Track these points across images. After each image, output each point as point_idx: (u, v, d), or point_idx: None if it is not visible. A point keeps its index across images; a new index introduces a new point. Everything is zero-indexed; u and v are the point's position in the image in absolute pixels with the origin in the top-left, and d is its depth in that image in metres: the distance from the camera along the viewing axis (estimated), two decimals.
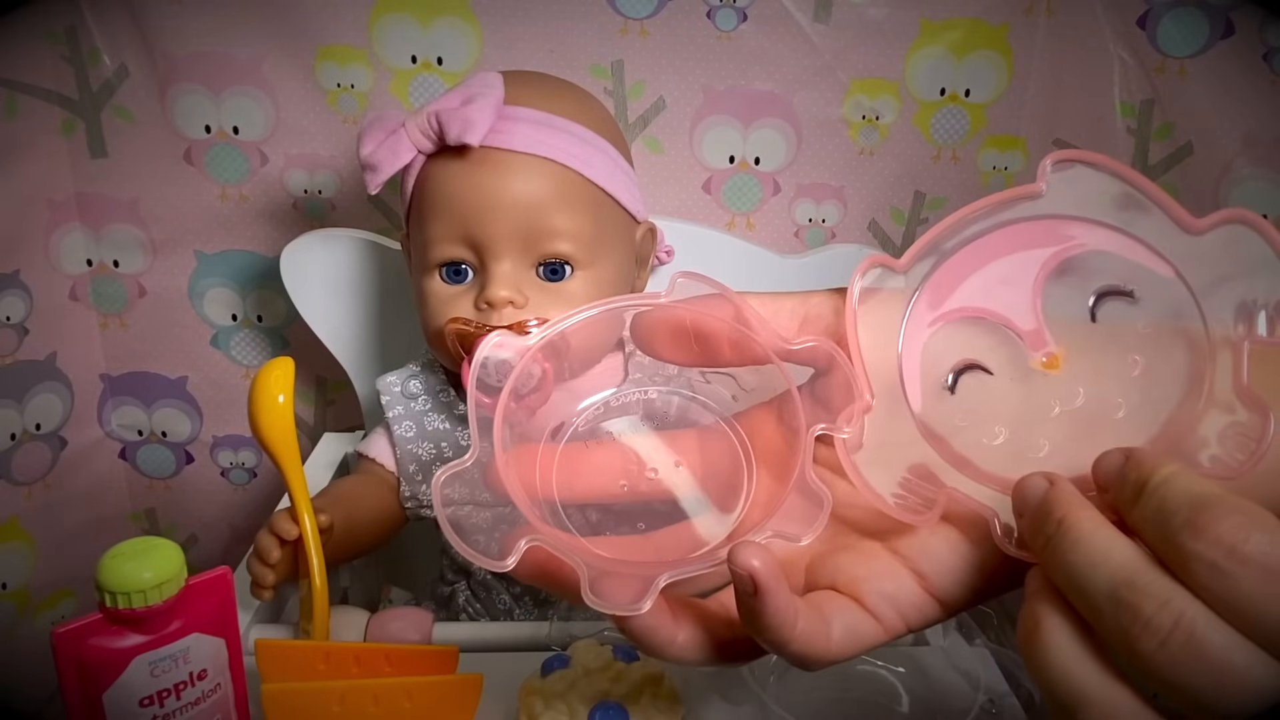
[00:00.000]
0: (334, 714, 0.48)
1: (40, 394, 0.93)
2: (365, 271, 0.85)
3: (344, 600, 0.82)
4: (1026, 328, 0.33)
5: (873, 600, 0.33)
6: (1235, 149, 0.81)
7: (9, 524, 0.92)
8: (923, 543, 0.34)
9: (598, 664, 0.51)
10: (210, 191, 0.92)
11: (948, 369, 0.33)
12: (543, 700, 0.49)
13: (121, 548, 0.44)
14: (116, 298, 0.96)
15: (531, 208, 0.64)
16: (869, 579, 0.33)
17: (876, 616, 0.33)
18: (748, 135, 0.89)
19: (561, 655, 0.52)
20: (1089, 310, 0.32)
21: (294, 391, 0.55)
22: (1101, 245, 0.31)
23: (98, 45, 0.87)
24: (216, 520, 1.05)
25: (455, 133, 0.63)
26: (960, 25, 0.86)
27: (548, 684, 0.50)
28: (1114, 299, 0.32)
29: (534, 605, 0.72)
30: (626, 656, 0.52)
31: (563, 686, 0.49)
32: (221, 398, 1.00)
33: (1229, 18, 0.80)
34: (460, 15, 0.86)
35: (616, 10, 0.86)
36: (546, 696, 0.49)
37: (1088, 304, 0.32)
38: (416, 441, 0.71)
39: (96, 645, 0.43)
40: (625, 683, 0.50)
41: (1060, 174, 0.31)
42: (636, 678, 0.50)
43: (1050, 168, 0.31)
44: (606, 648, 0.52)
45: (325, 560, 0.57)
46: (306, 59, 0.87)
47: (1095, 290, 0.32)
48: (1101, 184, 0.31)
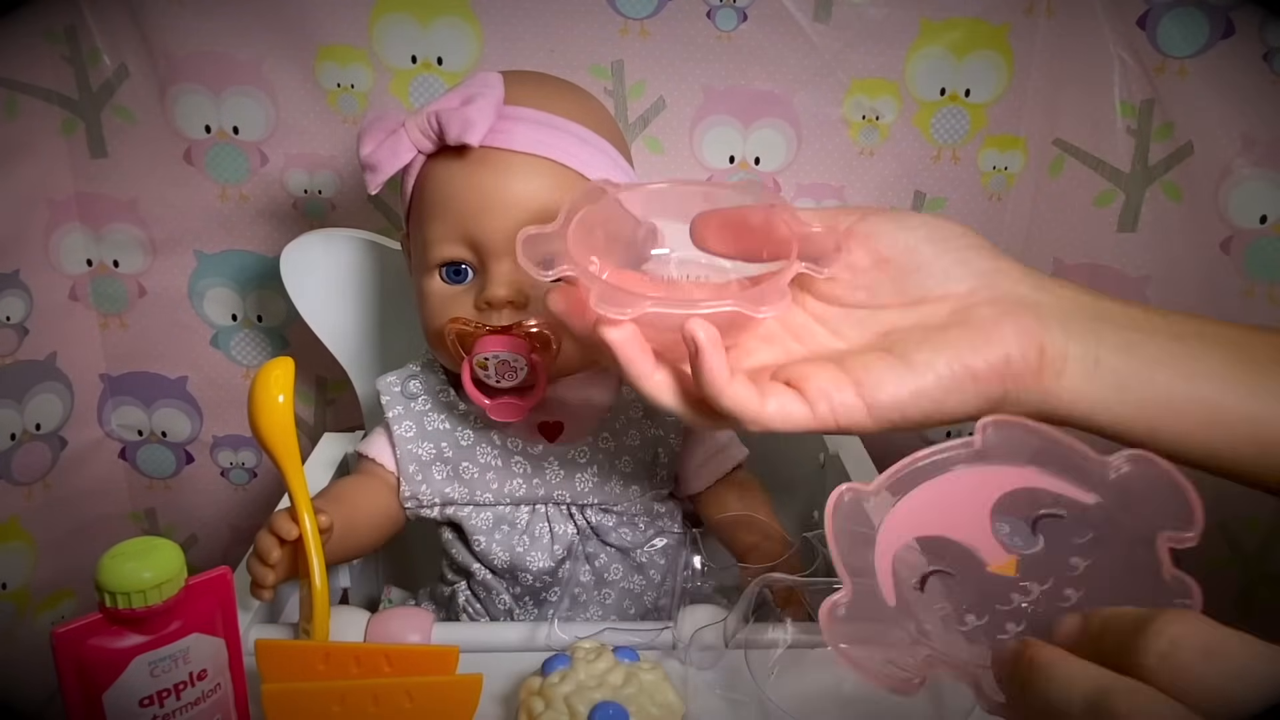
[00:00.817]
0: (334, 714, 0.48)
1: (40, 394, 0.93)
2: (365, 271, 0.85)
3: (344, 600, 0.82)
4: (983, 544, 0.40)
5: (812, 392, 0.44)
6: (1235, 149, 0.81)
7: (9, 524, 0.92)
8: (874, 373, 0.45)
9: (598, 664, 0.51)
10: (210, 191, 0.92)
11: (917, 575, 0.40)
12: (543, 700, 0.49)
13: (121, 548, 0.44)
14: (116, 298, 0.96)
15: (532, 207, 0.64)
16: (814, 377, 0.45)
17: (810, 404, 0.44)
18: (748, 135, 0.89)
19: (562, 655, 0.51)
20: (1030, 527, 0.40)
21: (294, 391, 0.55)
22: (1032, 484, 0.40)
23: (98, 45, 0.87)
24: (216, 520, 1.05)
25: (455, 133, 0.63)
26: (960, 25, 0.86)
27: (548, 684, 0.50)
28: (1049, 519, 0.40)
29: (534, 605, 0.72)
30: (627, 657, 0.52)
31: (564, 687, 0.49)
32: (221, 398, 1.00)
33: (1229, 18, 0.80)
34: (460, 15, 0.86)
35: (616, 10, 0.86)
36: (547, 696, 0.49)
37: (1029, 524, 0.40)
38: (416, 441, 0.71)
39: (96, 645, 0.43)
40: (626, 683, 0.50)
41: (996, 431, 0.41)
42: (638, 678, 0.50)
43: (989, 428, 0.40)
44: (607, 648, 0.52)
45: (325, 560, 0.57)
46: (306, 59, 0.87)
47: (1033, 516, 0.40)
48: (1026, 438, 0.40)
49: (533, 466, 0.70)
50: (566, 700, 0.48)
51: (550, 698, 0.48)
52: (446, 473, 0.70)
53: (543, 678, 0.50)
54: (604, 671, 0.50)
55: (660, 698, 0.50)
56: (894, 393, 0.44)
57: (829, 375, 0.45)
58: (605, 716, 0.47)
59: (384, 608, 0.76)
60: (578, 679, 0.49)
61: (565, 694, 0.49)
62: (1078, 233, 0.88)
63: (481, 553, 0.70)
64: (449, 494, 0.70)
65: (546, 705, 0.48)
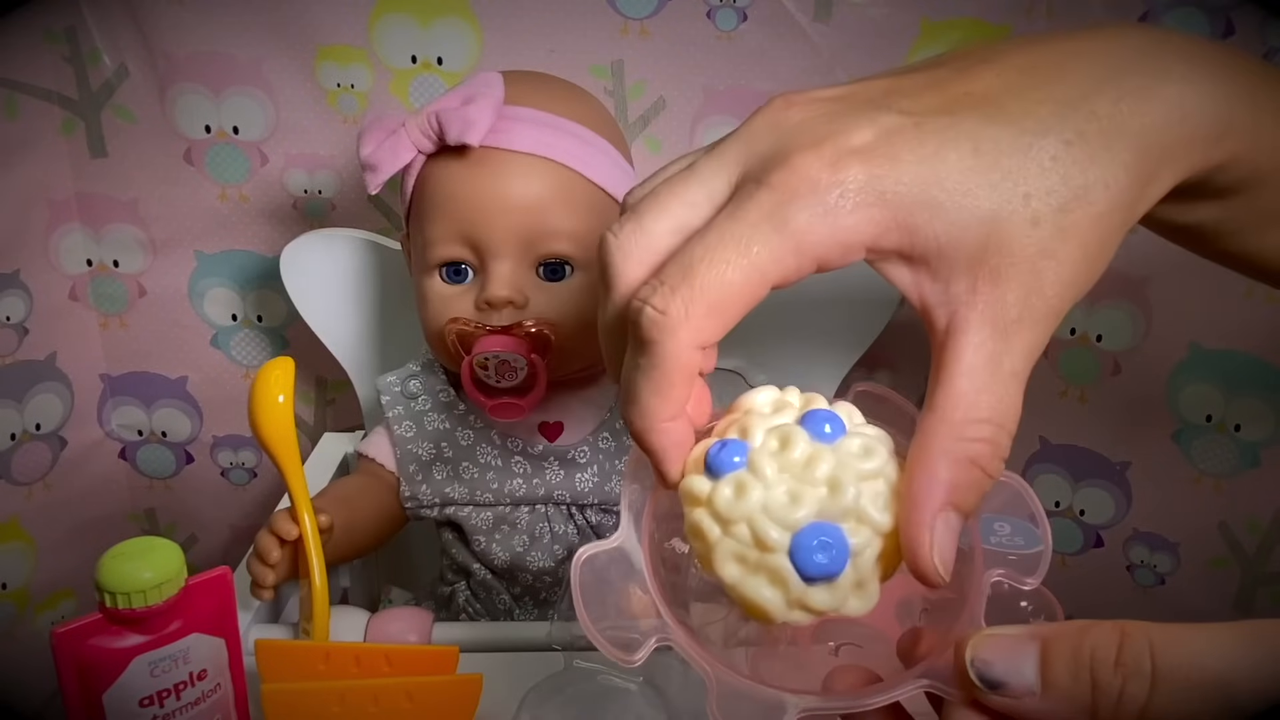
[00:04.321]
0: (334, 714, 0.48)
1: (40, 394, 0.93)
2: (365, 271, 0.85)
3: (344, 600, 0.82)
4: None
5: None
6: None
7: (9, 524, 0.92)
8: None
9: (790, 453, 0.32)
10: (210, 191, 0.92)
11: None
12: (717, 521, 0.32)
13: (121, 548, 0.44)
14: (116, 298, 0.96)
15: (532, 208, 0.64)
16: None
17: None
18: None
19: (736, 442, 0.33)
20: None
21: (294, 391, 0.55)
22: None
23: (98, 45, 0.87)
24: (216, 520, 1.05)
25: (455, 133, 0.63)
26: (961, 25, 0.85)
27: (719, 496, 0.32)
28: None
29: (534, 605, 0.72)
30: (826, 429, 0.32)
31: (745, 503, 0.31)
32: (221, 398, 1.00)
33: (1229, 18, 0.80)
34: (460, 15, 0.86)
35: (616, 10, 0.86)
36: (721, 515, 0.32)
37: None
38: (416, 441, 0.71)
39: (96, 645, 0.43)
40: (835, 483, 0.31)
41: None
42: (850, 466, 0.32)
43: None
44: (791, 416, 0.34)
45: (325, 560, 0.57)
46: (306, 59, 0.87)
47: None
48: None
49: (533, 466, 0.70)
50: (751, 523, 0.31)
51: (727, 517, 0.31)
52: (446, 473, 0.70)
53: (712, 481, 0.32)
54: (802, 464, 0.31)
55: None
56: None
57: None
58: (810, 555, 0.30)
59: (384, 608, 0.76)
60: (764, 488, 0.31)
61: (749, 513, 0.31)
62: None
63: (481, 553, 0.70)
64: (449, 494, 0.70)
65: (724, 529, 0.31)
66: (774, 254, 0.30)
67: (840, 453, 0.31)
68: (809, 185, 0.30)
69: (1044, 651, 0.27)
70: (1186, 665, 0.25)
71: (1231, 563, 0.88)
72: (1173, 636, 0.25)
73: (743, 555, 0.30)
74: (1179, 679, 0.25)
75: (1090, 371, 0.90)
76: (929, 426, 0.30)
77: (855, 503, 0.30)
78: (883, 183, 0.30)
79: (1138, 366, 0.89)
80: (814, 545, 0.30)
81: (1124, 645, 0.26)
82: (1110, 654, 0.26)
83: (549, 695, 0.52)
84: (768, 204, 0.30)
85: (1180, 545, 0.90)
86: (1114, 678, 0.25)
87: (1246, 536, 0.87)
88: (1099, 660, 0.26)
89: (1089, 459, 0.92)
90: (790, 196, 0.30)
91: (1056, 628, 0.27)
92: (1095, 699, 0.26)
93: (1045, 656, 0.27)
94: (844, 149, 0.30)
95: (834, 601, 0.31)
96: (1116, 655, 0.26)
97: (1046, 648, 0.27)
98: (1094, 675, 0.26)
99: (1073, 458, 0.93)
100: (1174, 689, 0.25)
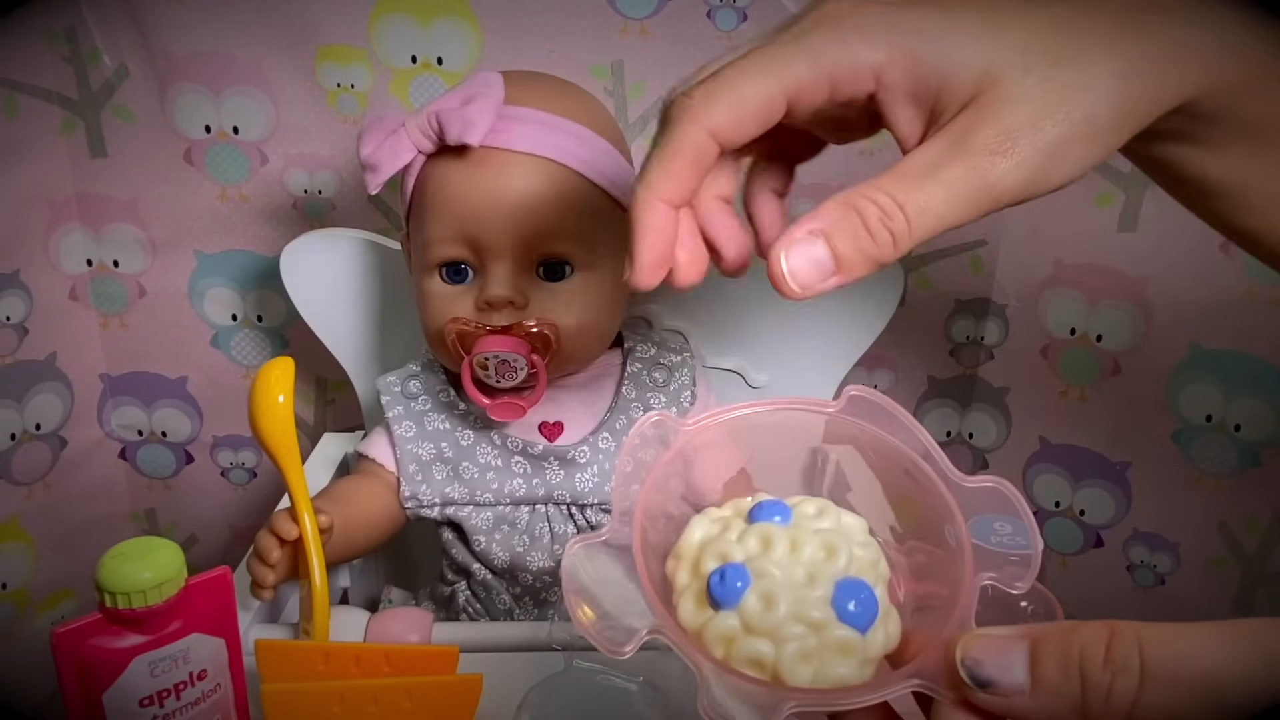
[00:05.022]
0: (334, 714, 0.48)
1: (40, 394, 0.93)
2: (365, 271, 0.85)
3: (344, 600, 0.82)
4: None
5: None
6: None
7: (9, 524, 0.92)
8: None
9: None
10: (210, 191, 0.92)
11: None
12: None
13: (121, 548, 0.44)
14: (116, 298, 0.96)
15: (532, 208, 0.64)
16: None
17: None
18: None
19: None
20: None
21: (294, 391, 0.55)
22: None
23: (98, 45, 0.87)
24: (216, 520, 1.05)
25: (455, 133, 0.63)
26: None
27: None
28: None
29: (534, 605, 0.72)
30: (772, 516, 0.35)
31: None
32: (221, 398, 1.00)
33: None
34: (460, 15, 0.86)
35: (616, 10, 0.86)
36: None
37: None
38: (416, 441, 0.71)
39: (96, 645, 0.43)
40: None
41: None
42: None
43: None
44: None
45: (325, 560, 0.57)
46: (306, 59, 0.87)
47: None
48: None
49: (533, 466, 0.70)
50: (798, 618, 0.32)
51: (771, 628, 0.32)
52: (446, 473, 0.70)
53: (733, 610, 0.32)
54: (791, 550, 0.33)
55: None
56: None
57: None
58: (855, 612, 0.32)
59: (384, 608, 0.76)
60: (784, 585, 0.32)
61: (789, 612, 0.32)
62: (1078, 233, 0.88)
63: (481, 553, 0.70)
64: (449, 494, 0.70)
65: (775, 641, 0.32)
66: (790, 65, 0.34)
67: (805, 524, 0.34)
68: (832, 17, 0.34)
69: (1033, 650, 0.27)
70: (1175, 663, 0.25)
71: (1231, 563, 0.88)
72: (1161, 634, 0.26)
73: (805, 650, 0.31)
74: (1167, 676, 0.25)
75: (1090, 371, 0.91)
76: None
77: (849, 553, 0.32)
78: (896, 20, 0.34)
79: (1138, 366, 0.89)
80: (852, 605, 0.31)
81: (1112, 643, 0.26)
82: (1099, 651, 0.26)
83: (549, 695, 0.52)
84: (795, 30, 0.35)
85: (1180, 545, 0.90)
86: (1103, 675, 0.26)
87: (1246, 536, 0.87)
88: (1088, 658, 0.26)
89: (1089, 459, 0.92)
90: (814, 25, 0.35)
91: (1046, 627, 0.28)
92: (1085, 696, 0.26)
93: (1035, 655, 0.27)
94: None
95: (885, 639, 0.32)
96: (1105, 653, 0.26)
97: (1036, 646, 0.27)
98: (1083, 672, 0.26)
99: (1073, 458, 0.93)
100: (1163, 686, 0.25)
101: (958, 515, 0.33)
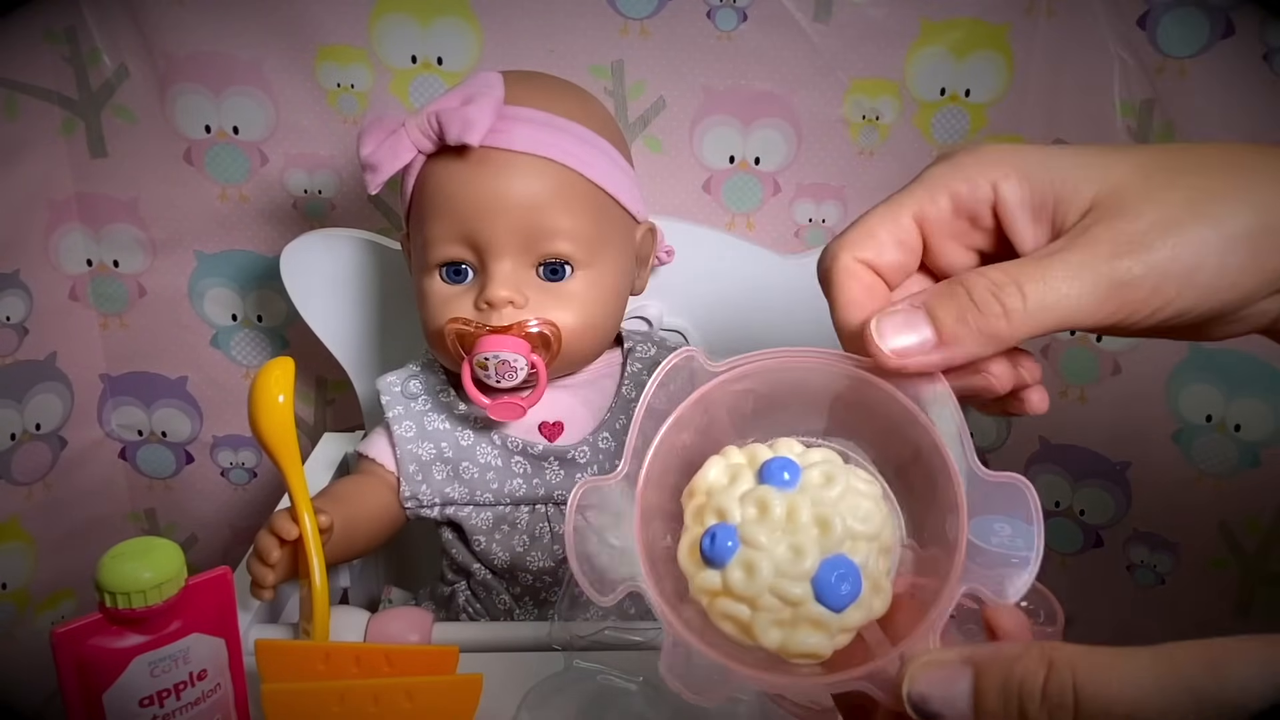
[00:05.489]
0: (334, 714, 0.48)
1: (40, 394, 0.93)
2: (365, 271, 0.85)
3: (344, 600, 0.82)
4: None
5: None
6: None
7: (9, 524, 0.92)
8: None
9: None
10: (210, 191, 0.92)
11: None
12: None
13: (121, 548, 0.44)
14: (116, 298, 0.96)
15: (531, 208, 0.64)
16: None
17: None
18: (748, 135, 0.89)
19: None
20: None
21: (294, 391, 0.55)
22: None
23: (98, 45, 0.87)
24: (216, 520, 1.05)
25: (455, 133, 0.63)
26: (960, 25, 0.85)
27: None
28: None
29: (534, 605, 0.72)
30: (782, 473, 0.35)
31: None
32: (221, 398, 1.00)
33: (1229, 18, 0.80)
34: (460, 15, 0.86)
35: (616, 10, 0.86)
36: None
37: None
38: (416, 441, 0.71)
39: (96, 645, 0.43)
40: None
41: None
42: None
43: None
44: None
45: (325, 560, 0.57)
46: (306, 59, 0.87)
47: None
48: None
49: (533, 466, 0.70)
50: (774, 590, 0.33)
51: (749, 595, 0.33)
52: (446, 473, 0.70)
53: (719, 570, 0.33)
54: (786, 519, 0.33)
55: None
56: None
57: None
58: (835, 591, 0.32)
59: (384, 608, 0.76)
60: (769, 556, 0.33)
61: (767, 583, 0.33)
62: None
63: (481, 553, 0.70)
64: (449, 494, 0.70)
65: (752, 606, 0.33)
66: (910, 193, 0.37)
67: (809, 491, 0.33)
68: (947, 156, 0.37)
69: (977, 679, 0.28)
70: (1104, 696, 0.26)
71: (1231, 563, 0.88)
72: (1096, 663, 0.26)
73: (779, 619, 0.32)
74: (1097, 710, 0.26)
75: (1090, 371, 0.91)
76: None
77: (844, 528, 0.32)
78: (1009, 149, 0.36)
79: (1138, 366, 0.89)
80: (833, 582, 0.32)
81: (1050, 677, 0.27)
82: (1036, 686, 0.27)
83: (549, 695, 0.52)
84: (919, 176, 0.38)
85: (1180, 545, 0.90)
86: (1040, 711, 0.27)
87: (1246, 536, 0.87)
88: (1026, 693, 0.27)
89: (1089, 459, 0.92)
90: (932, 165, 0.38)
91: (991, 653, 0.28)
92: None
93: (978, 686, 0.28)
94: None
95: (865, 615, 0.33)
96: (1043, 688, 0.27)
97: (979, 677, 0.28)
98: (1022, 707, 0.27)
99: (1073, 458, 0.93)
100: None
101: (962, 508, 0.33)
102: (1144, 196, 0.33)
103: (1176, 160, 0.34)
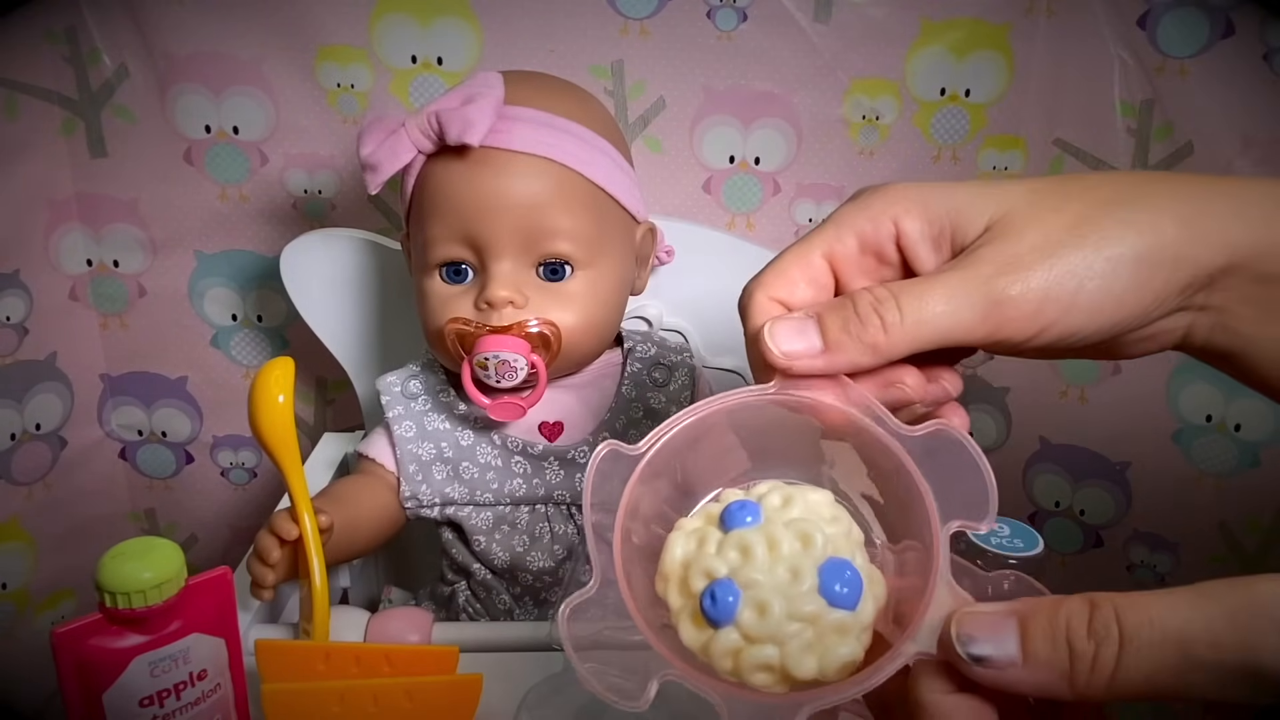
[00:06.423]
0: (334, 714, 0.48)
1: (40, 394, 0.93)
2: (365, 271, 0.85)
3: (344, 600, 0.82)
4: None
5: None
6: (1235, 149, 0.81)
7: (9, 524, 0.92)
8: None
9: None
10: (210, 191, 0.92)
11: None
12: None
13: (121, 548, 0.44)
14: (116, 298, 0.96)
15: (531, 208, 0.64)
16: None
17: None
18: (748, 135, 0.89)
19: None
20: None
21: (294, 391, 0.55)
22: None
23: (98, 45, 0.87)
24: (216, 520, 1.05)
25: (455, 133, 0.63)
26: (960, 25, 0.86)
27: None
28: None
29: (534, 605, 0.72)
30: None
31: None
32: (221, 398, 1.00)
33: (1229, 18, 0.80)
34: (460, 15, 0.86)
35: (616, 10, 0.86)
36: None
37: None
38: (417, 441, 0.71)
39: (96, 645, 0.43)
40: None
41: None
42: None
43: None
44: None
45: (325, 560, 0.57)
46: (306, 59, 0.87)
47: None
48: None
49: (533, 466, 0.70)
50: (793, 616, 0.33)
51: (770, 634, 0.32)
52: (446, 473, 0.70)
53: (731, 624, 0.33)
54: (770, 551, 0.34)
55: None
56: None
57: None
58: (843, 593, 0.32)
59: (384, 608, 0.76)
60: (772, 590, 0.33)
61: (785, 612, 0.33)
62: None
63: (481, 553, 0.70)
64: (449, 494, 0.70)
65: (777, 643, 0.32)
66: (819, 232, 0.38)
67: (776, 518, 0.34)
68: (853, 198, 0.39)
69: (1022, 625, 0.29)
70: (1147, 626, 0.27)
71: (1231, 563, 0.88)
72: (1135, 602, 0.28)
73: (806, 644, 0.32)
74: (1142, 640, 0.27)
75: (1090, 371, 0.91)
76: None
77: (824, 536, 0.33)
78: (909, 187, 0.38)
79: (1138, 366, 0.89)
80: (838, 584, 0.32)
81: (1094, 615, 0.28)
82: (1083, 623, 0.28)
83: (549, 695, 0.52)
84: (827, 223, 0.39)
85: (1180, 545, 0.90)
86: (1087, 645, 0.28)
87: (1246, 536, 0.87)
88: (1073, 630, 0.28)
89: (1089, 459, 0.93)
90: (839, 206, 0.39)
91: (1032, 603, 0.30)
92: (1072, 665, 0.28)
93: (1024, 630, 0.29)
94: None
95: (875, 603, 0.33)
96: (1088, 625, 0.28)
97: (1024, 622, 0.29)
98: (1070, 644, 0.28)
99: (1073, 458, 0.93)
100: (1138, 650, 0.27)
101: (909, 463, 0.34)
102: (1029, 220, 0.35)
103: (1067, 187, 0.36)
